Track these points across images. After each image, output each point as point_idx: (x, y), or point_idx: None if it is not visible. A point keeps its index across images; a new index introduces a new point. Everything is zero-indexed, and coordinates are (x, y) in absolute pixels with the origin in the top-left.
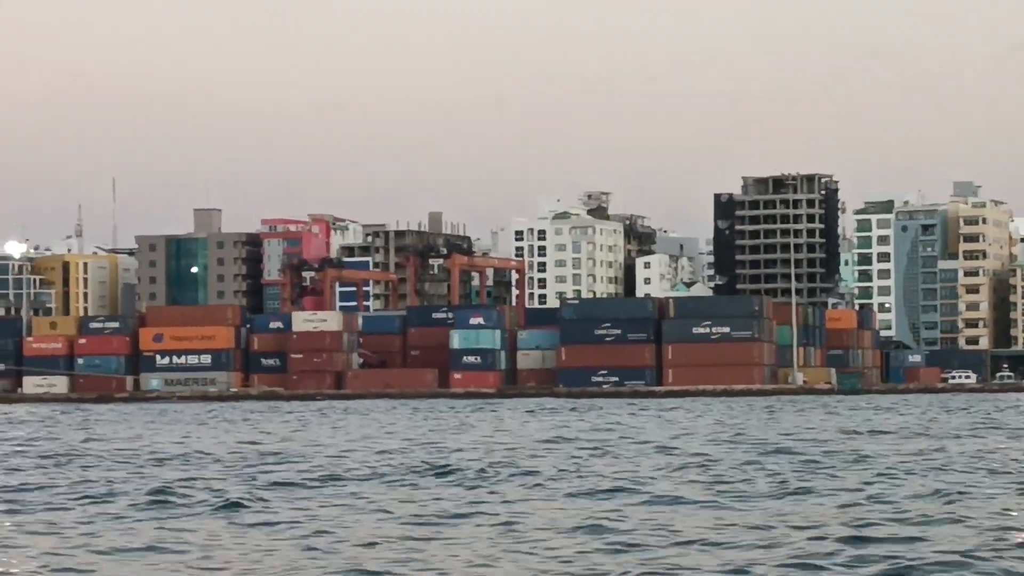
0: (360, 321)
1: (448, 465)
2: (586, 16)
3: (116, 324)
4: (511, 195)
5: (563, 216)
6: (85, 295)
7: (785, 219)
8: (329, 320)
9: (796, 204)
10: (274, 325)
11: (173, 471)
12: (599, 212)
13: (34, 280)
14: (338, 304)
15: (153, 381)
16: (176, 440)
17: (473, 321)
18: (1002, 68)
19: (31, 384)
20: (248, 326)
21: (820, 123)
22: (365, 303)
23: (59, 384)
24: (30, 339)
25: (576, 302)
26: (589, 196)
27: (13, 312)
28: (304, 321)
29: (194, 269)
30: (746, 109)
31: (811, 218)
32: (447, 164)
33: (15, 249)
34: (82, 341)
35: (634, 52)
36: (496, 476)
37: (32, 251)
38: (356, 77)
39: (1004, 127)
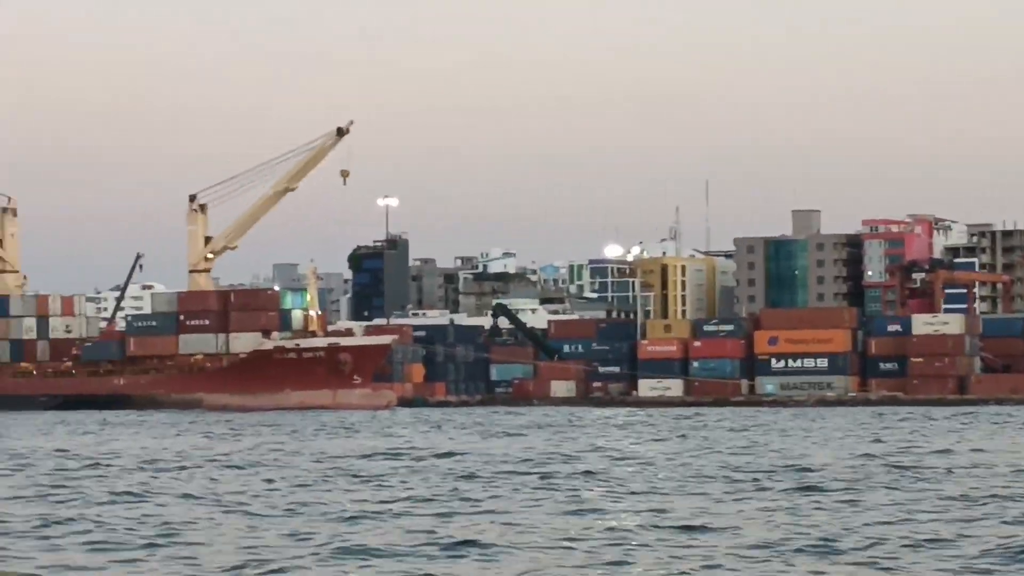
0: (981, 324)
1: None
2: None
3: (730, 327)
4: None
5: None
6: (683, 298)
7: None
8: (951, 323)
9: None
10: (892, 328)
11: None
12: None
13: (633, 283)
14: (943, 307)
15: (768, 385)
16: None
17: None
18: None
19: (646, 387)
20: (864, 329)
21: None
22: (973, 305)
23: (674, 387)
24: (644, 342)
25: None
26: None
27: (623, 315)
28: (924, 324)
29: (796, 271)
30: None
31: None
32: None
33: (614, 252)
34: (696, 344)
35: None
36: None
37: (629, 254)
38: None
39: None
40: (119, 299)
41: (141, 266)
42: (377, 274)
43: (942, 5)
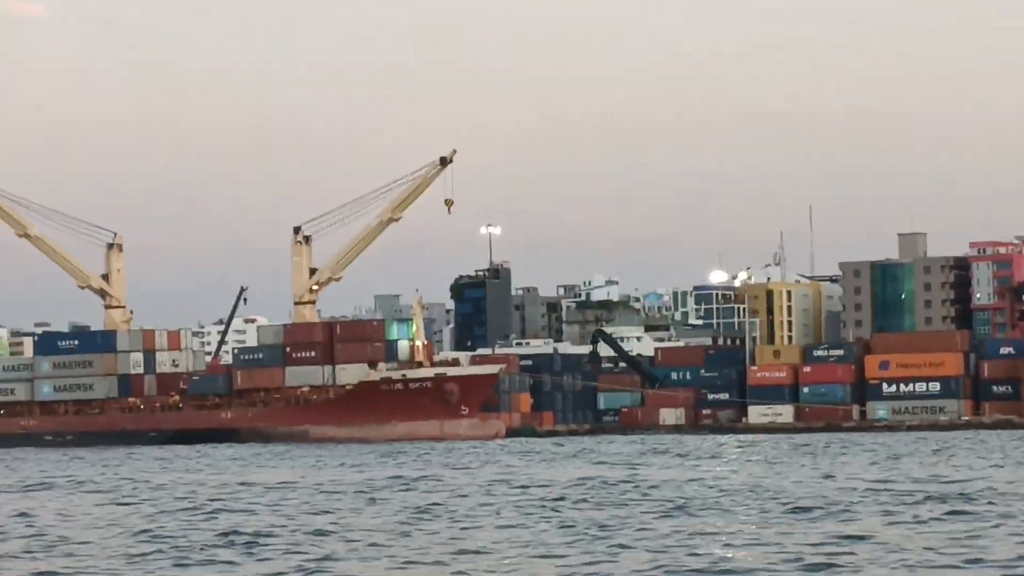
0: None
1: None
2: None
3: (840, 352)
4: None
5: None
6: (789, 323)
7: None
8: None
9: None
10: (1005, 351)
11: None
12: None
13: (739, 309)
14: None
15: (880, 410)
16: None
17: None
18: None
19: (756, 414)
20: (976, 352)
21: None
22: None
23: (784, 413)
24: (754, 368)
25: None
26: None
27: (728, 342)
28: None
29: (903, 295)
30: None
31: None
32: None
33: (719, 278)
34: (807, 369)
35: None
36: None
37: (736, 279)
38: None
39: None
40: (223, 332)
41: (245, 299)
42: (479, 304)
43: None
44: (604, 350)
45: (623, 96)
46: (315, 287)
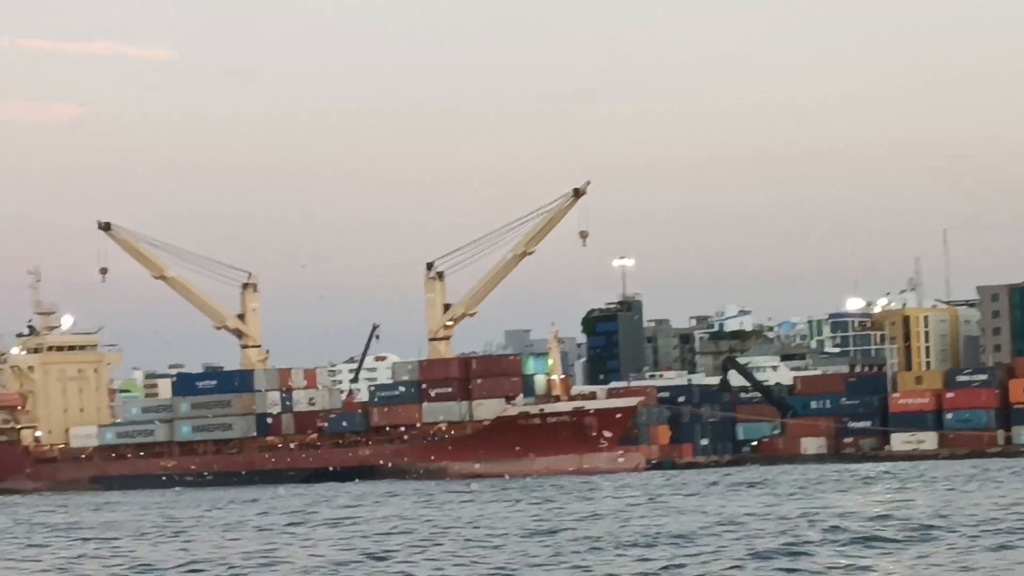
0: None
1: None
2: None
3: (984, 376)
4: None
5: None
6: (927, 349)
7: None
8: None
9: None
10: None
11: None
12: None
13: (875, 336)
14: None
15: None
16: None
17: None
18: None
19: (899, 441)
20: None
21: None
22: None
23: (928, 440)
24: (895, 395)
25: None
26: None
27: (867, 369)
28: None
29: None
30: None
31: None
32: None
33: (855, 305)
34: (949, 395)
35: None
36: None
37: (876, 306)
38: None
39: None
40: (357, 370)
41: (377, 336)
42: (611, 337)
43: None
44: (735, 379)
45: (753, 127)
46: (449, 322)
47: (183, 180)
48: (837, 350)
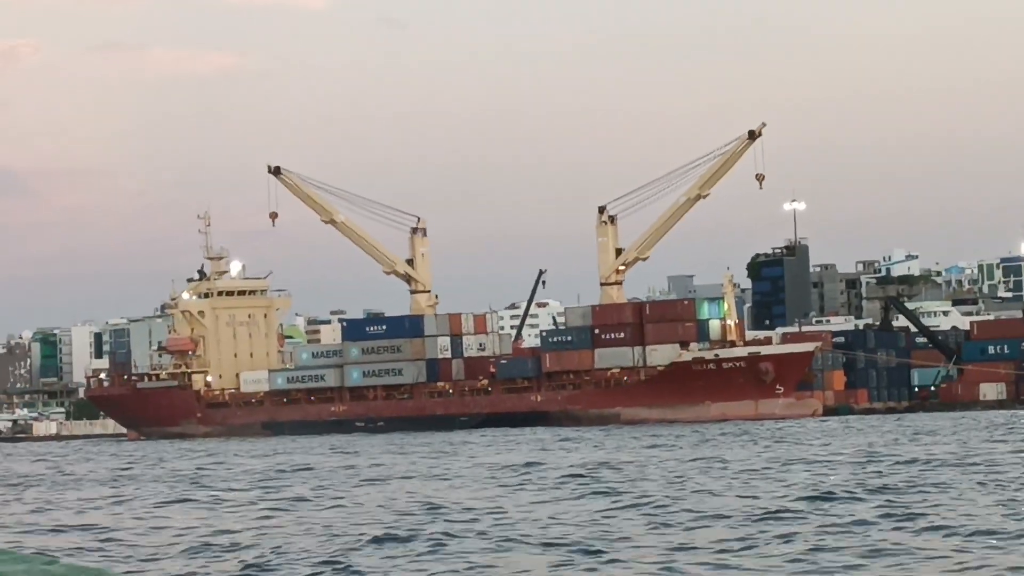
0: None
1: None
2: None
3: None
4: None
5: None
6: None
7: None
8: None
9: None
10: None
11: None
12: None
13: None
14: None
15: None
16: None
17: None
18: None
19: None
20: None
21: None
22: None
23: None
24: None
25: None
26: None
27: None
28: None
29: None
30: None
31: None
32: None
33: None
34: None
35: None
36: None
37: None
38: None
39: None
40: (523, 315)
41: (544, 282)
42: (777, 282)
43: None
44: (898, 323)
45: (922, 66)
46: (622, 267)
47: (344, 126)
48: (1010, 295)
